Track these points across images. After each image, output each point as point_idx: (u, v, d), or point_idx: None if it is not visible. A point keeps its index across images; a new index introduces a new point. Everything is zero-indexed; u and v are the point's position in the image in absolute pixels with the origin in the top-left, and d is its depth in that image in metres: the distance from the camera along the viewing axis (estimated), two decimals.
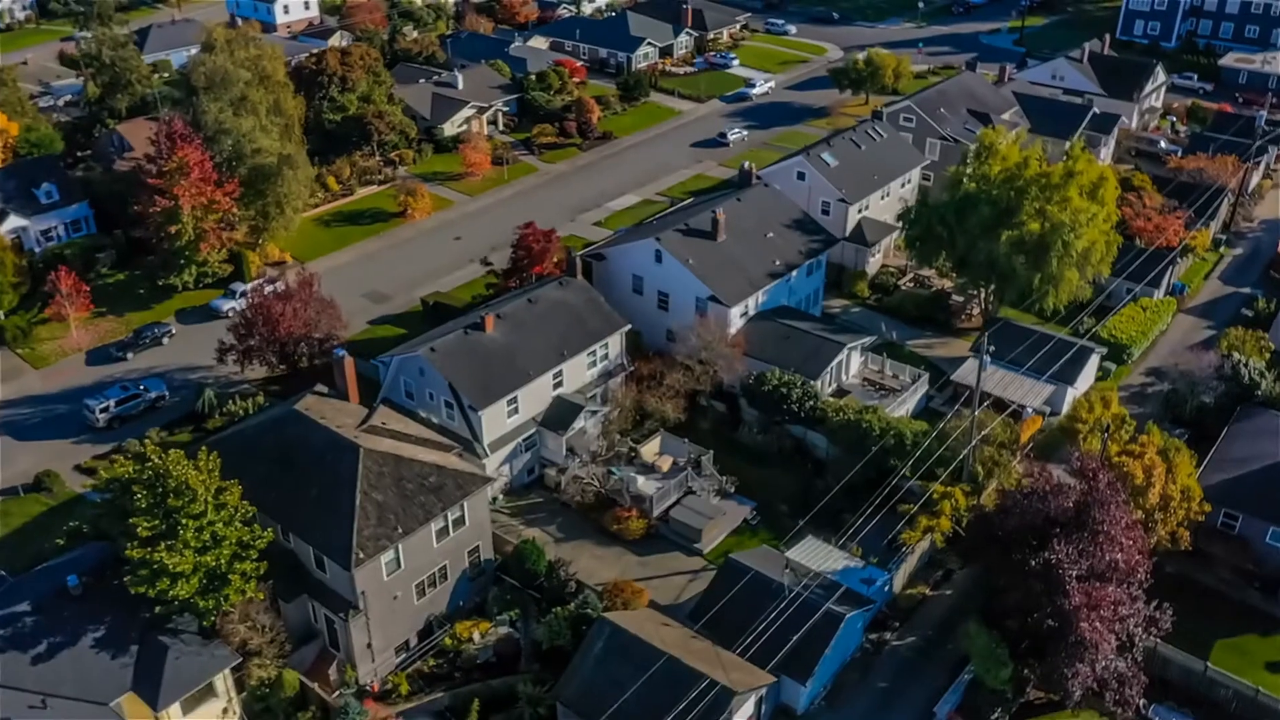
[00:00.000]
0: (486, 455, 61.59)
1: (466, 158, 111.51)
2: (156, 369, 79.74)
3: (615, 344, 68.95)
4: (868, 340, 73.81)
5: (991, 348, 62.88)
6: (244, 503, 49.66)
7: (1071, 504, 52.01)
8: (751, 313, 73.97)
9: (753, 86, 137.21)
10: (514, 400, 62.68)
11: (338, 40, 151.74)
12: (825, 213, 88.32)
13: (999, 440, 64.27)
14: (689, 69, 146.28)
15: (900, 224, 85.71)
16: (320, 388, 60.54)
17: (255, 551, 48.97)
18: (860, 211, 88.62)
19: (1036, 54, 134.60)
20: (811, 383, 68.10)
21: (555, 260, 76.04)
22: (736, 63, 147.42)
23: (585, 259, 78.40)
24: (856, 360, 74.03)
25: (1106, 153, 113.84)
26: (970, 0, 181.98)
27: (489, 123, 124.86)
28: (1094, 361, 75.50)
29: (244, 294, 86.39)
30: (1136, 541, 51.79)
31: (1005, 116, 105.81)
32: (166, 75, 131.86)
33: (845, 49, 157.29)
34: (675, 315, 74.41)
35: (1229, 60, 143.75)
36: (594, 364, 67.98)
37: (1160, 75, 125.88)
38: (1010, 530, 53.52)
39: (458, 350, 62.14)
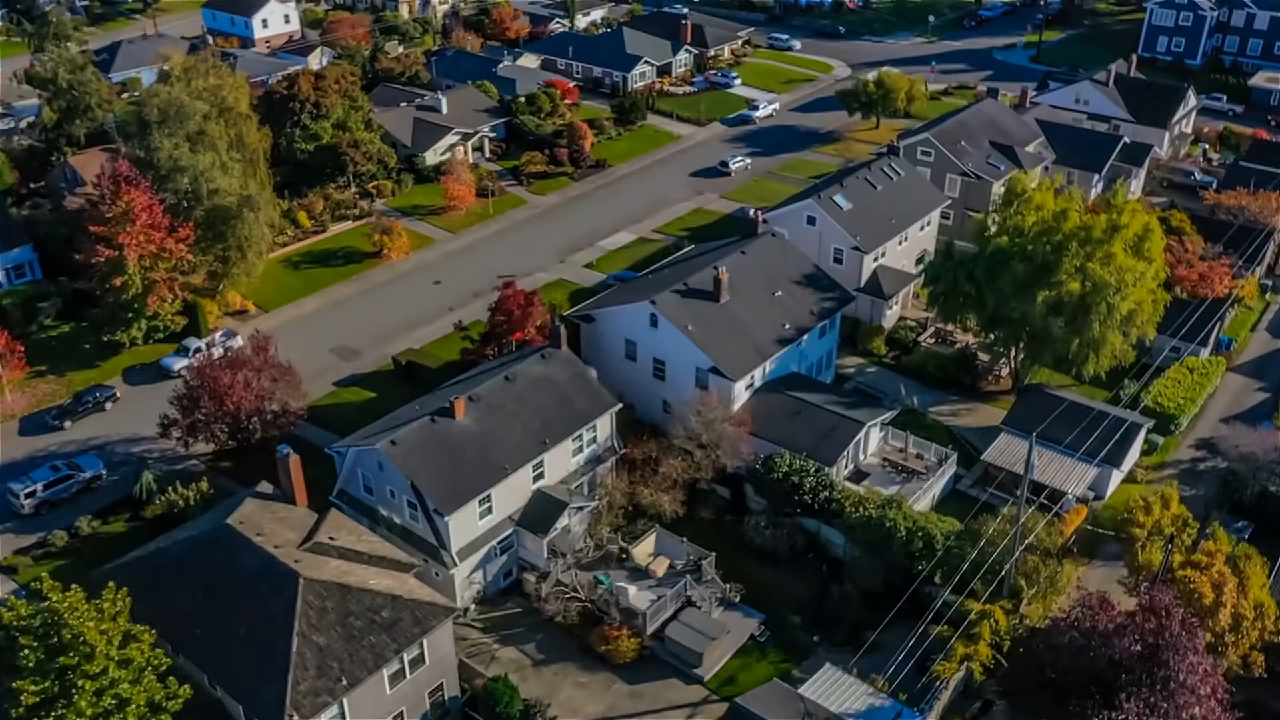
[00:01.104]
0: (455, 565, 53.59)
1: (449, 190, 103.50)
2: (96, 440, 71.70)
3: (605, 426, 60.95)
4: (888, 415, 65.80)
5: (1040, 453, 54.86)
6: (158, 652, 41.70)
7: (1138, 644, 44.09)
8: (758, 383, 65.98)
9: (756, 109, 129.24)
10: (487, 499, 54.67)
11: (318, 57, 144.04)
12: (838, 261, 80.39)
13: (1044, 545, 56.28)
14: (688, 89, 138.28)
15: (920, 273, 77.90)
16: (264, 487, 52.67)
17: (168, 716, 41.00)
18: (876, 260, 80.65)
19: (1058, 75, 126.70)
20: (827, 470, 60.13)
21: (538, 324, 68.04)
22: (739, 82, 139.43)
23: (572, 320, 70.53)
24: (876, 436, 66.04)
25: (1137, 185, 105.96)
26: (982, 13, 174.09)
27: (474, 149, 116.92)
28: (1141, 436, 67.57)
29: (198, 351, 78.64)
30: (1216, 691, 43.91)
31: (1030, 149, 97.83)
32: (136, 94, 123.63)
33: (853, 66, 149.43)
34: (673, 386, 66.50)
35: (1259, 80, 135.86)
36: (580, 449, 59.95)
37: (1191, 99, 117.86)
38: (1064, 671, 45.64)
39: (422, 443, 54.12)
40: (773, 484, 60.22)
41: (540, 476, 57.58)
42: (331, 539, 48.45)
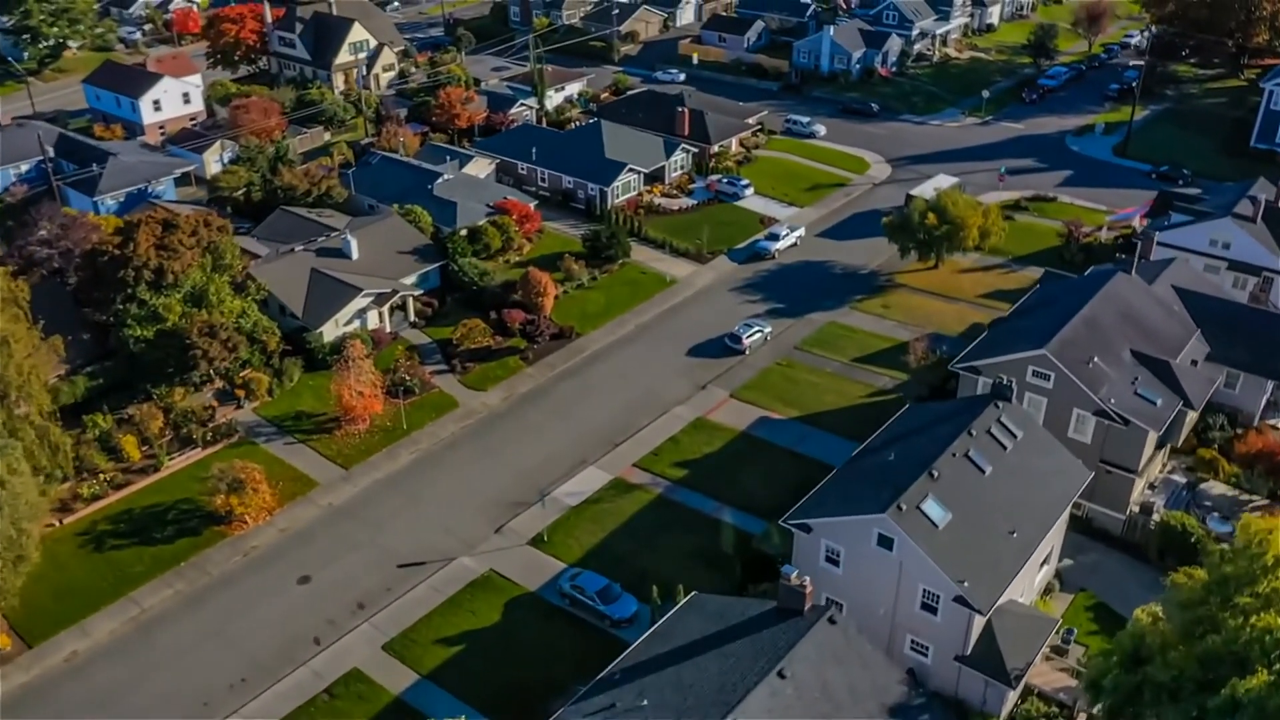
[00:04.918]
0: None
1: (343, 400, 72.32)
2: None
3: None
4: None
5: None
6: None
7: None
8: None
9: (775, 238, 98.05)
10: None
11: (216, 152, 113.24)
12: (928, 609, 49.36)
13: None
14: (686, 201, 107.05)
15: (1082, 686, 47.01)
16: None
17: None
18: (991, 605, 49.41)
19: (1181, 201, 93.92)
20: None
21: None
22: (750, 191, 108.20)
23: None
24: None
25: None
26: (1042, 83, 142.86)
27: (396, 307, 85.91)
28: None
29: None
30: None
31: (1185, 358, 66.54)
32: None
33: (892, 162, 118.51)
34: None
35: None
36: None
37: None
38: None
39: None
40: None
41: None
42: None
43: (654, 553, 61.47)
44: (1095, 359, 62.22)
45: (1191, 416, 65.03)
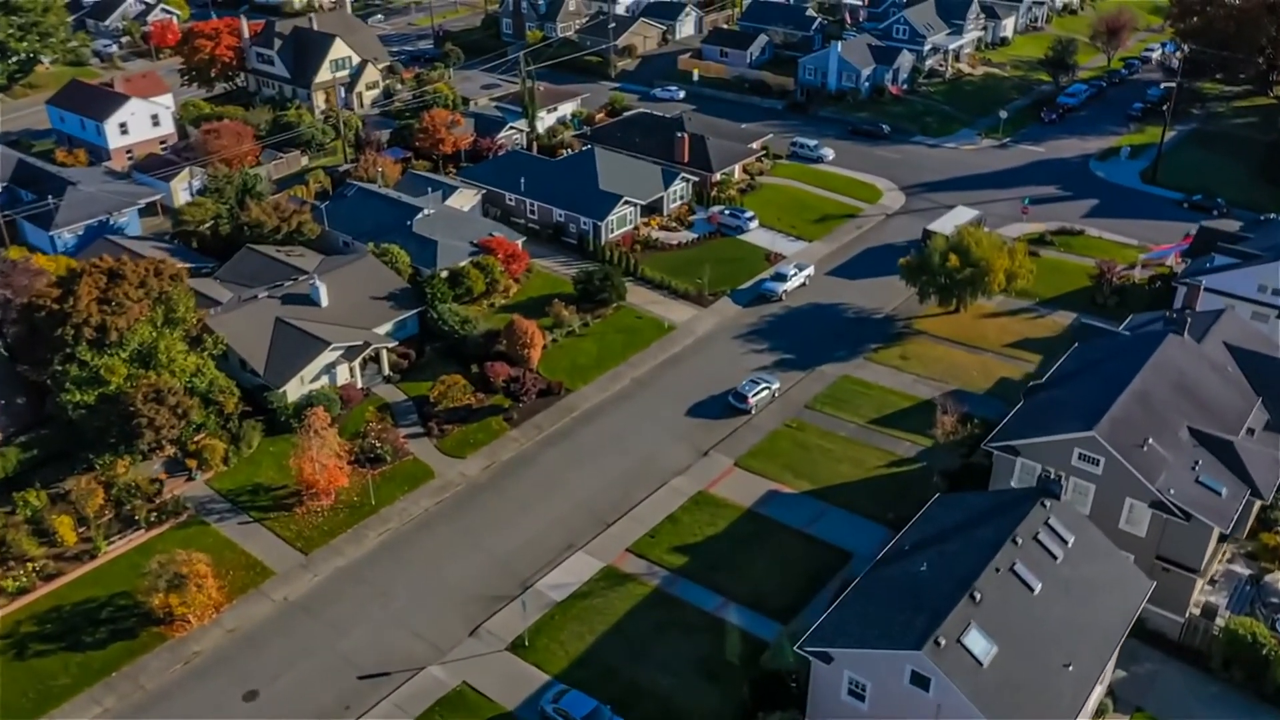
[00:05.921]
0: None
1: (303, 472, 64.92)
2: None
3: None
4: None
5: None
6: None
7: None
8: None
9: (782, 278, 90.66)
10: None
11: (185, 180, 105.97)
12: None
13: None
14: (685, 235, 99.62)
15: None
16: None
17: None
18: None
19: (1226, 242, 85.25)
20: None
21: None
22: (755, 224, 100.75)
23: None
24: None
25: None
26: (1062, 101, 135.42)
27: (369, 359, 78.57)
28: None
29: None
30: None
31: (1247, 435, 59.03)
32: None
33: (906, 190, 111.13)
34: None
35: None
36: None
37: None
38: None
39: None
40: None
41: None
42: None
43: (649, 663, 54.07)
44: (1150, 440, 54.77)
45: (1258, 504, 57.60)
